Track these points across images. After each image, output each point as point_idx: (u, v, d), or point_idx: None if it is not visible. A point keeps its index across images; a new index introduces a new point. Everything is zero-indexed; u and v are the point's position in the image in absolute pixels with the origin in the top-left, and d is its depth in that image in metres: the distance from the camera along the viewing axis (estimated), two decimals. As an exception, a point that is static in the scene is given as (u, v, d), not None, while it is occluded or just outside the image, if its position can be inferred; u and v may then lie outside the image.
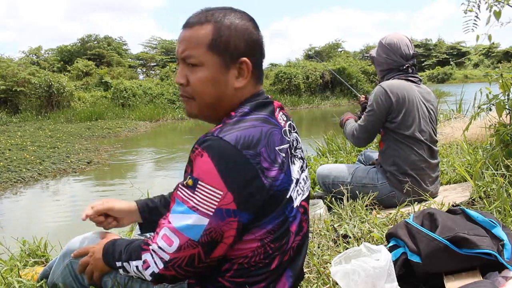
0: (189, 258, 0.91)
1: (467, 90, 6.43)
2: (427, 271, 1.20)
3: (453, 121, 4.73)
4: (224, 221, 0.90)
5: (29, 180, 6.63)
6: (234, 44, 0.99)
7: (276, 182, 0.95)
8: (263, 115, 1.00)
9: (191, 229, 0.90)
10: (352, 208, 2.10)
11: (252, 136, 0.92)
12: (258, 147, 0.92)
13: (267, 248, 0.99)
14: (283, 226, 1.00)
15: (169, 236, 0.91)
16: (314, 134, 7.34)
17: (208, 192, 0.89)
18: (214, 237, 0.90)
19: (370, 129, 2.25)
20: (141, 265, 0.96)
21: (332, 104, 20.62)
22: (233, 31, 0.99)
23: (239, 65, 1.00)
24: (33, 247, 2.02)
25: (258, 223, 0.96)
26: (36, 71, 17.53)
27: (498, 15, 2.21)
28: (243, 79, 1.01)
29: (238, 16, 1.02)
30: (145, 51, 33.24)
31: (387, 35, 2.30)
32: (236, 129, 0.93)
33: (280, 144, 0.98)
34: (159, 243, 0.93)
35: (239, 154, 0.89)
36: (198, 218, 0.89)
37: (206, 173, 0.89)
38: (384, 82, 2.21)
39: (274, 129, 0.99)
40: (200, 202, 0.89)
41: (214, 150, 0.89)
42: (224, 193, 0.89)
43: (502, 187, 1.84)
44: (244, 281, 1.01)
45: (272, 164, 0.94)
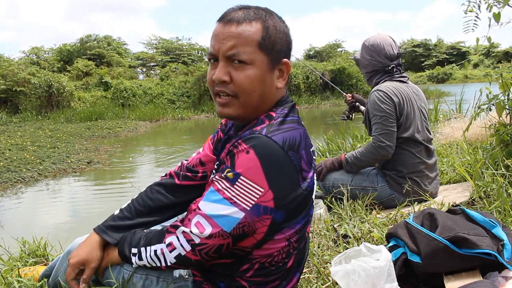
0: (218, 247, 0.93)
1: (467, 90, 6.43)
2: (427, 271, 1.20)
3: (453, 121, 4.73)
4: (259, 217, 0.92)
5: (29, 180, 6.63)
6: (280, 45, 1.02)
7: (310, 183, 0.99)
8: (296, 117, 1.04)
9: (225, 219, 0.91)
10: (352, 208, 2.10)
11: (295, 138, 0.95)
12: (300, 149, 0.95)
13: (290, 248, 1.02)
14: (306, 226, 1.04)
15: (202, 223, 0.92)
16: (314, 134, 7.35)
17: (249, 188, 0.90)
18: (246, 231, 0.92)
19: (392, 132, 2.12)
20: (164, 248, 0.97)
21: (332, 104, 20.61)
22: (278, 32, 1.02)
23: (281, 66, 1.03)
24: (32, 247, 2.02)
25: (289, 223, 0.98)
26: (36, 71, 17.53)
27: (498, 18, 2.21)
28: (283, 79, 1.04)
29: (277, 18, 1.05)
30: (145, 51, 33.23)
31: (370, 37, 2.29)
32: (281, 130, 0.95)
33: (311, 146, 1.03)
34: (192, 229, 0.93)
35: (285, 155, 0.92)
36: (234, 210, 0.91)
37: (251, 170, 0.90)
38: (379, 86, 2.18)
39: (305, 131, 1.02)
40: (238, 195, 0.90)
41: (261, 149, 0.91)
42: (265, 190, 0.90)
43: (502, 187, 1.84)
44: (262, 280, 1.02)
45: (308, 166, 0.98)
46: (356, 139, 4.65)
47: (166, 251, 0.97)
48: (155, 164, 8.22)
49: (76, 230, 4.21)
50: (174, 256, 0.96)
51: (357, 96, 2.80)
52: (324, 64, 23.81)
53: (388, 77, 2.23)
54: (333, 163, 2.40)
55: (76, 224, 4.63)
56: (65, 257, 1.25)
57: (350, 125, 4.88)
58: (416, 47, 47.50)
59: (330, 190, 2.38)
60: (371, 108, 2.17)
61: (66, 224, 4.68)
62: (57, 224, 4.64)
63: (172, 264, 0.97)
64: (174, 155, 8.79)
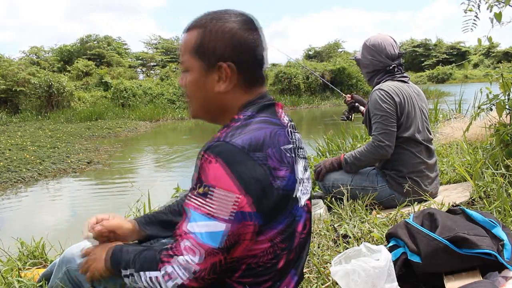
0: (212, 266, 0.92)
1: (467, 90, 6.43)
2: (427, 271, 1.20)
3: (453, 121, 4.74)
4: (241, 224, 0.90)
5: (29, 180, 6.63)
6: (214, 49, 1.00)
7: (285, 182, 0.96)
8: (267, 117, 1.01)
9: (211, 235, 0.89)
10: (352, 208, 2.10)
11: (258, 138, 0.93)
12: (265, 149, 0.93)
13: (276, 248, 1.00)
14: (291, 226, 1.01)
15: (190, 246, 0.91)
16: (314, 134, 7.34)
17: (223, 198, 0.89)
18: (232, 241, 0.91)
19: (392, 132, 2.12)
20: (159, 277, 0.94)
21: (332, 104, 20.61)
22: (215, 36, 1.00)
23: (218, 69, 1.01)
24: (30, 248, 2.02)
25: (270, 224, 0.97)
26: (36, 71, 17.54)
27: (499, 18, 2.21)
28: (223, 83, 1.02)
29: (230, 19, 1.01)
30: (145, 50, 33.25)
31: (371, 37, 2.29)
32: (242, 133, 0.93)
33: (285, 143, 0.99)
34: (185, 255, 0.92)
35: (248, 157, 0.90)
36: (216, 224, 0.89)
37: (218, 179, 0.89)
38: (381, 85, 2.18)
39: (278, 129, 1.00)
40: (216, 208, 0.89)
41: (223, 155, 0.90)
42: (239, 196, 0.89)
43: (502, 187, 1.84)
44: (252, 281, 1.01)
45: (280, 164, 0.95)
46: (356, 139, 4.65)
47: (163, 281, 0.94)
48: (155, 164, 8.23)
49: (75, 230, 4.20)
50: (172, 286, 0.93)
51: (356, 97, 2.80)
52: (324, 64, 23.81)
53: (389, 77, 2.23)
54: (332, 164, 2.40)
55: (75, 224, 4.63)
56: (60, 265, 1.25)
57: (350, 125, 4.88)
58: (416, 47, 47.56)
59: (330, 190, 2.38)
60: (372, 106, 2.17)
61: (66, 224, 4.68)
62: (57, 224, 4.64)
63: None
64: (174, 155, 8.80)
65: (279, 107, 1.08)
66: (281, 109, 1.09)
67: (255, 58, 1.03)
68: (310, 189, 1.15)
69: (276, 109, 1.06)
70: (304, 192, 1.07)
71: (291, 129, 1.07)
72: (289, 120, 1.10)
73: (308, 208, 1.12)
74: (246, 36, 1.01)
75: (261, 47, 1.04)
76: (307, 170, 1.13)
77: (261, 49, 1.04)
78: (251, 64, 1.03)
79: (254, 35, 1.02)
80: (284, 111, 1.12)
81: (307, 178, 1.12)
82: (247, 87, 1.04)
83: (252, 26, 1.03)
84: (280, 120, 1.04)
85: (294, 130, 1.10)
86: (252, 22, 1.04)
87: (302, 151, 1.12)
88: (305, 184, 1.09)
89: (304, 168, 1.11)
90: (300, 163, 1.07)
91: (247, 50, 1.01)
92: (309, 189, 1.14)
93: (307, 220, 1.13)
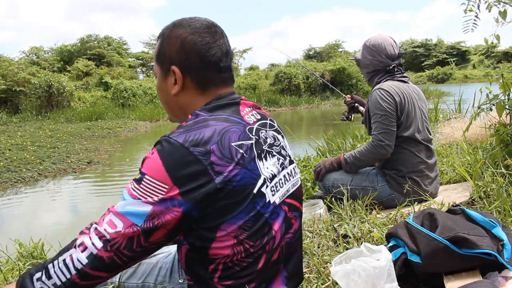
0: (128, 240, 0.93)
1: (467, 90, 6.44)
2: (427, 271, 1.20)
3: (452, 121, 4.74)
4: (168, 209, 0.93)
5: (29, 180, 6.63)
6: (167, 53, 1.08)
7: (236, 177, 0.96)
8: (221, 115, 1.04)
9: (133, 214, 0.93)
10: (352, 208, 2.10)
11: (202, 134, 0.96)
12: (209, 145, 0.95)
13: (247, 246, 1.00)
14: (258, 222, 1.00)
15: (113, 220, 0.94)
16: (314, 134, 7.34)
17: (152, 185, 0.93)
18: (156, 223, 0.93)
19: (392, 131, 2.13)
20: (74, 252, 0.94)
21: (332, 104, 20.62)
22: (168, 41, 1.08)
23: (172, 73, 1.08)
24: (29, 249, 2.02)
25: (224, 218, 0.97)
26: (36, 71, 17.55)
27: (504, 16, 2.21)
28: (177, 86, 1.08)
29: (185, 25, 1.07)
30: (145, 50, 33.23)
31: (371, 37, 2.30)
32: (187, 130, 0.98)
33: (238, 140, 1.00)
34: (103, 226, 0.95)
35: (186, 151, 0.94)
36: (141, 205, 0.93)
37: (153, 169, 0.94)
38: (381, 85, 2.18)
39: (232, 127, 1.01)
40: (144, 193, 0.94)
41: (162, 149, 0.95)
42: (170, 187, 0.93)
43: (502, 187, 1.84)
44: (233, 283, 1.01)
45: (226, 160, 0.96)
46: (356, 139, 4.65)
47: (77, 253, 0.94)
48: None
49: (75, 230, 4.20)
50: (86, 256, 0.93)
51: (356, 97, 2.81)
52: (324, 64, 23.83)
53: (389, 77, 2.23)
54: (332, 164, 2.40)
55: (75, 224, 4.63)
56: None
57: (350, 125, 4.88)
58: (416, 47, 47.56)
59: (330, 190, 2.38)
60: (372, 106, 2.18)
61: (65, 224, 4.68)
62: (57, 224, 4.64)
63: (84, 266, 0.93)
64: (174, 155, 8.78)
65: (245, 106, 1.10)
66: (248, 108, 1.11)
67: (207, 61, 1.06)
68: (294, 187, 1.14)
69: (240, 108, 1.08)
70: (278, 189, 1.06)
71: (258, 127, 1.08)
72: (259, 119, 1.11)
73: (292, 207, 1.11)
74: (195, 40, 1.05)
75: (215, 50, 1.07)
76: (286, 168, 1.12)
77: (216, 52, 1.07)
78: (201, 67, 1.06)
79: (206, 38, 1.06)
80: (257, 110, 1.14)
81: (285, 175, 1.11)
82: (201, 89, 1.09)
83: (206, 31, 1.07)
84: (241, 118, 1.05)
85: (267, 128, 1.11)
86: (208, 27, 1.08)
87: (278, 148, 1.12)
88: (281, 181, 1.08)
89: (281, 165, 1.10)
90: (271, 159, 1.07)
91: (195, 53, 1.05)
92: (292, 187, 1.13)
93: (293, 218, 1.12)
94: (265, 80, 23.08)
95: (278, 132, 1.16)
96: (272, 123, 1.15)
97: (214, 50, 1.07)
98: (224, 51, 1.09)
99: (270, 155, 1.07)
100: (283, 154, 1.13)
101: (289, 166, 1.15)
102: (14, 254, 1.98)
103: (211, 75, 1.08)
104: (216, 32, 1.08)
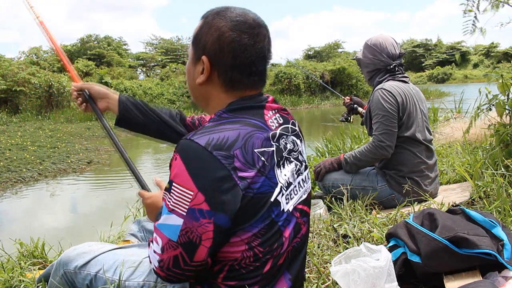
0: (174, 259, 0.94)
1: (467, 90, 6.44)
2: (427, 271, 1.20)
3: (452, 121, 4.74)
4: (198, 222, 0.91)
5: (29, 180, 6.63)
6: (203, 41, 1.03)
7: (256, 185, 0.94)
8: (245, 118, 1.00)
9: (169, 229, 0.93)
10: (352, 208, 2.10)
11: (227, 138, 0.93)
12: (233, 149, 0.92)
13: (256, 252, 0.99)
14: (271, 230, 0.99)
15: (156, 236, 0.96)
16: (314, 134, 7.34)
17: (180, 193, 0.91)
18: (191, 238, 0.92)
19: (393, 132, 2.13)
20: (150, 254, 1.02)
21: (332, 104, 20.62)
22: (208, 29, 1.03)
23: (202, 61, 1.04)
24: (29, 248, 2.02)
25: (242, 226, 0.96)
26: (36, 71, 17.50)
27: (496, 7, 2.21)
28: (203, 76, 1.04)
29: (227, 17, 1.02)
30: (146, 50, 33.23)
31: (372, 37, 2.31)
32: (210, 132, 0.94)
33: (261, 146, 0.97)
34: (153, 244, 0.98)
35: (209, 155, 0.90)
36: (174, 218, 0.92)
37: (178, 175, 0.92)
38: (383, 85, 2.18)
39: (256, 132, 0.98)
40: (174, 203, 0.92)
41: (184, 152, 0.92)
42: (195, 193, 0.90)
43: (502, 187, 1.85)
44: (237, 284, 1.01)
45: (248, 166, 0.93)
46: (355, 139, 4.65)
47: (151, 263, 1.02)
48: (155, 164, 8.23)
49: (75, 230, 4.21)
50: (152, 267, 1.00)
51: (355, 99, 2.81)
52: (324, 64, 23.83)
53: (390, 77, 2.24)
54: (332, 164, 2.40)
55: (75, 224, 4.64)
56: (56, 269, 1.26)
57: (349, 126, 4.88)
58: (416, 47, 47.55)
59: (329, 190, 2.38)
60: (374, 106, 2.18)
61: (65, 224, 4.68)
62: (56, 224, 4.64)
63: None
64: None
65: (270, 109, 1.07)
66: (273, 111, 1.07)
67: (238, 62, 1.01)
68: (306, 192, 1.13)
69: (265, 112, 1.05)
70: (292, 197, 1.05)
71: (281, 132, 1.05)
72: (283, 123, 1.08)
73: (303, 213, 1.11)
74: (233, 38, 1.00)
75: (251, 53, 1.01)
76: (301, 174, 1.11)
77: (251, 56, 1.01)
78: (231, 67, 1.01)
79: (245, 39, 1.00)
80: (282, 112, 1.11)
81: (299, 182, 1.10)
82: (227, 87, 1.04)
83: (247, 31, 1.01)
84: (264, 123, 1.02)
85: (288, 132, 1.08)
86: (252, 27, 1.02)
87: (296, 153, 1.10)
88: (295, 188, 1.07)
89: (298, 171, 1.09)
90: (289, 166, 1.05)
91: (229, 51, 1.00)
92: (304, 192, 1.12)
93: (302, 225, 1.11)
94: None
95: (298, 136, 1.14)
96: (293, 127, 1.12)
97: (249, 53, 1.01)
98: (261, 56, 1.03)
99: (288, 162, 1.05)
100: (300, 160, 1.12)
101: (304, 172, 1.14)
102: (14, 254, 1.98)
103: (240, 76, 1.02)
104: (258, 34, 1.02)
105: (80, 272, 1.18)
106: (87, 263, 1.19)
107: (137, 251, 1.23)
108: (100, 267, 1.17)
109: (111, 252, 1.22)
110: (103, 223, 2.47)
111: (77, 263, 1.19)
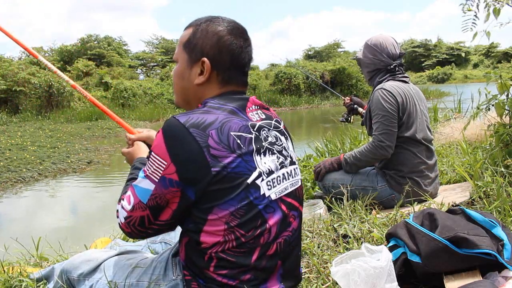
0: (140, 219, 1.06)
1: (467, 90, 6.44)
2: (427, 271, 1.20)
3: (452, 121, 4.74)
4: (167, 190, 1.01)
5: (29, 180, 6.63)
6: (201, 46, 1.12)
7: (231, 164, 1.01)
8: (228, 106, 1.08)
9: (141, 191, 1.05)
10: (352, 208, 2.10)
11: (205, 119, 1.02)
12: (208, 129, 1.01)
13: (237, 234, 1.03)
14: (250, 212, 1.03)
15: (130, 195, 1.07)
16: (313, 135, 7.34)
17: (156, 162, 1.02)
18: (159, 202, 1.03)
19: (393, 132, 2.12)
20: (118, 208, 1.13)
21: (332, 104, 20.62)
22: (204, 34, 1.12)
23: (201, 64, 1.12)
24: (29, 248, 2.03)
25: (217, 203, 1.02)
26: (36, 71, 17.50)
27: (497, 13, 2.21)
28: (203, 77, 1.13)
29: (221, 23, 1.13)
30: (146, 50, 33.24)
31: (372, 37, 2.30)
32: (192, 113, 1.04)
33: (238, 131, 1.04)
34: (124, 201, 1.09)
35: (186, 131, 0.99)
36: (147, 183, 1.03)
37: (157, 146, 1.02)
38: (383, 85, 2.18)
39: (234, 118, 1.06)
40: (150, 169, 1.03)
41: (166, 127, 1.02)
42: (168, 163, 1.00)
43: (502, 187, 1.85)
44: (229, 272, 1.04)
45: (223, 146, 1.01)
46: (355, 140, 4.65)
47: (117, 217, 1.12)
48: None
49: (75, 230, 4.21)
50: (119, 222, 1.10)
51: (355, 99, 2.81)
52: (324, 64, 23.83)
53: (391, 76, 2.24)
54: (332, 164, 2.40)
55: (75, 224, 4.64)
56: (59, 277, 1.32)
57: (348, 126, 4.88)
58: (416, 47, 47.56)
59: (329, 190, 2.38)
60: (374, 106, 2.17)
61: (65, 224, 4.68)
62: (57, 224, 4.64)
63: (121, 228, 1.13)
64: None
65: (252, 103, 1.14)
66: (255, 106, 1.15)
67: (236, 62, 1.13)
68: (293, 187, 1.15)
69: (247, 104, 1.13)
70: (275, 185, 1.09)
71: (262, 125, 1.11)
72: (263, 118, 1.14)
73: (290, 206, 1.13)
74: (231, 41, 1.12)
75: (245, 55, 1.15)
76: (285, 167, 1.14)
77: (245, 57, 1.15)
78: (229, 67, 1.13)
79: (240, 42, 1.13)
80: (264, 110, 1.17)
81: (284, 174, 1.12)
82: (222, 84, 1.14)
83: (241, 35, 1.14)
84: (245, 114, 1.10)
85: (268, 127, 1.13)
86: (242, 32, 1.15)
87: (279, 147, 1.14)
88: (278, 178, 1.10)
89: (281, 164, 1.12)
90: (271, 156, 1.10)
91: (229, 53, 1.12)
92: (291, 186, 1.14)
93: (291, 218, 1.13)
94: (265, 80, 23.08)
95: (282, 134, 1.18)
96: (277, 124, 1.18)
97: (244, 55, 1.14)
98: (250, 58, 1.17)
99: (269, 152, 1.10)
100: (284, 154, 1.15)
101: (290, 166, 1.16)
102: (14, 254, 1.98)
103: (235, 75, 1.15)
104: (247, 39, 1.16)
105: (84, 280, 1.25)
106: (91, 271, 1.25)
107: (135, 255, 1.30)
108: (102, 274, 1.23)
109: (112, 258, 1.27)
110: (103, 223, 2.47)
111: (82, 271, 1.25)
